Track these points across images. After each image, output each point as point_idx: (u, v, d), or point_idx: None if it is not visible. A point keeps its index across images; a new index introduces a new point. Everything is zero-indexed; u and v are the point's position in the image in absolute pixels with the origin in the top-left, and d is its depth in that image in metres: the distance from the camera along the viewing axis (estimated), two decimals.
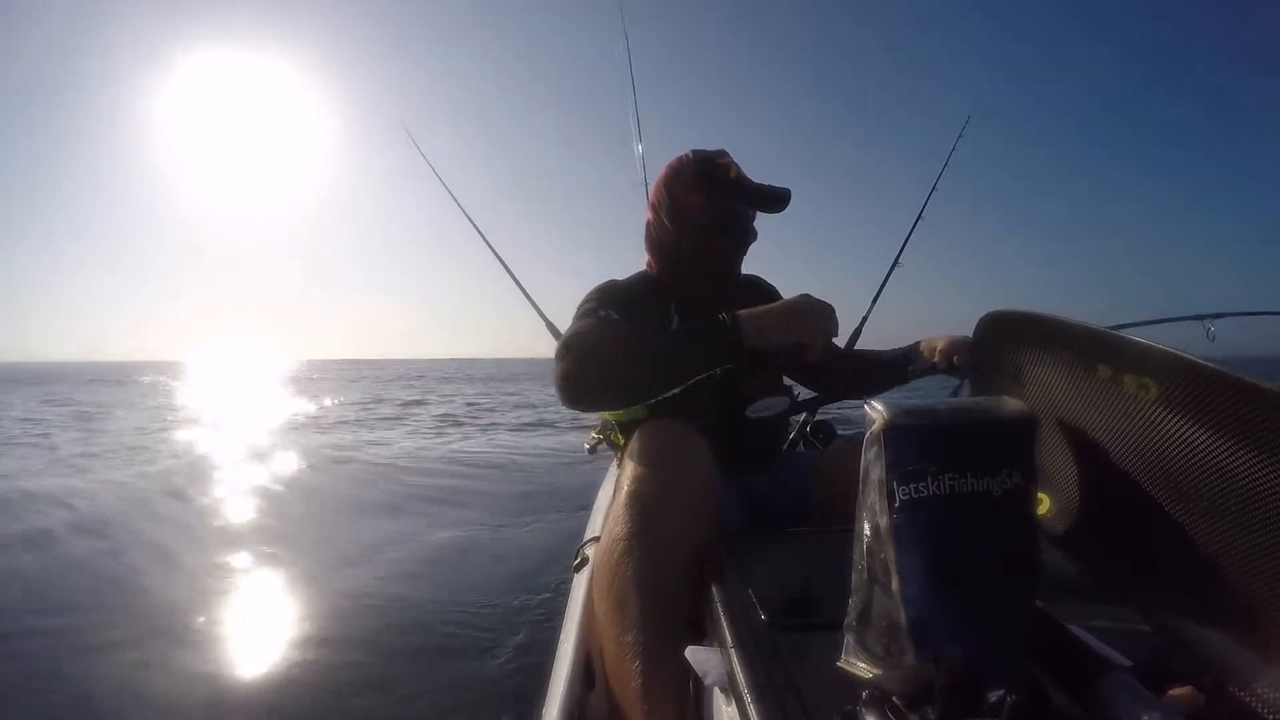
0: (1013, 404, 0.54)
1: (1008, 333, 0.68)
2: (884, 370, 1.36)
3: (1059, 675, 0.51)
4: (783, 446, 1.36)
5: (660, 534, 0.82)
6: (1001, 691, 0.39)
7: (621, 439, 1.26)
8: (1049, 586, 0.54)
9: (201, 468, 5.01)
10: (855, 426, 0.62)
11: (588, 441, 1.62)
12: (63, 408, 11.47)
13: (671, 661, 0.70)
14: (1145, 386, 0.50)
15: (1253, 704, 0.44)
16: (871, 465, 0.52)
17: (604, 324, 1.05)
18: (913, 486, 0.50)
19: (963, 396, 1.26)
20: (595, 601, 0.87)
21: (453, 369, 44.23)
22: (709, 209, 1.19)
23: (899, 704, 0.41)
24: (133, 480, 4.55)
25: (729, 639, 0.61)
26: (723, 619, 0.65)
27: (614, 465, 1.43)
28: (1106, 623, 0.58)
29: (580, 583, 1.11)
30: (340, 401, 12.28)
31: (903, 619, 0.49)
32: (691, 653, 0.64)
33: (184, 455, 5.67)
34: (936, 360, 1.20)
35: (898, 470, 0.50)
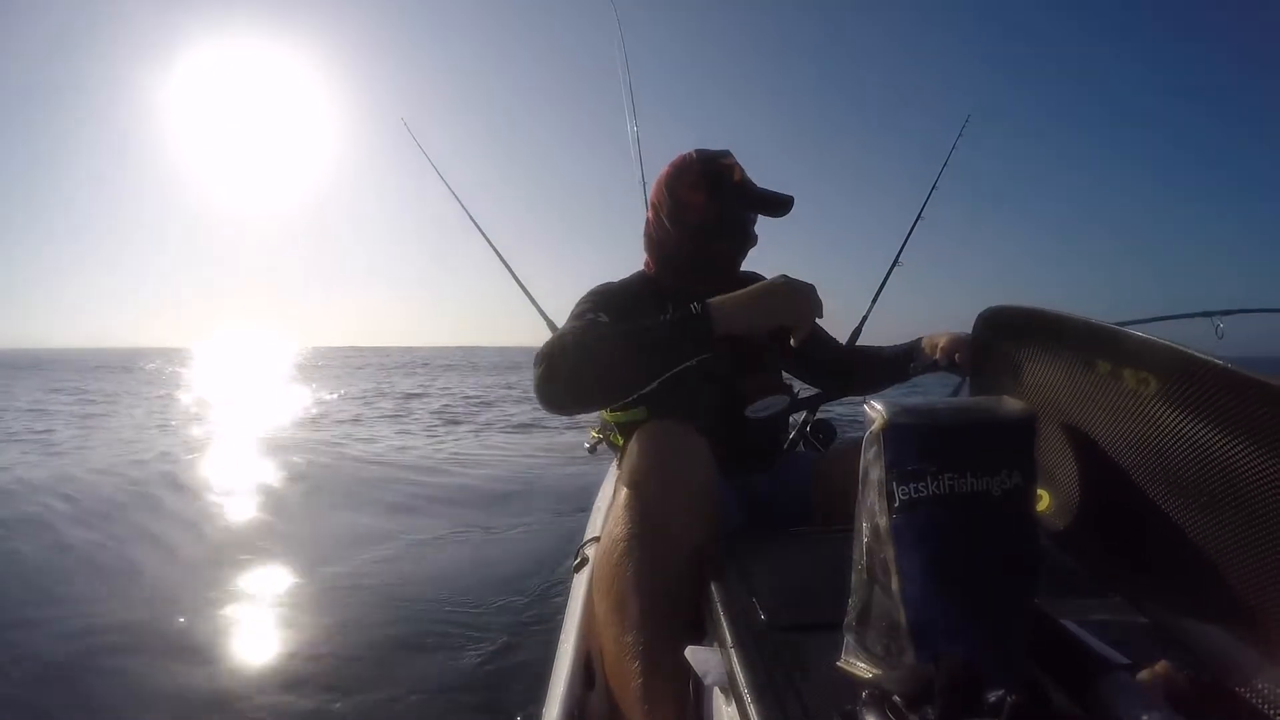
0: (1012, 404, 0.54)
1: (1007, 328, 0.68)
2: (885, 367, 1.36)
3: (1059, 675, 0.51)
4: (783, 446, 1.36)
5: (660, 534, 0.82)
6: (1001, 691, 0.39)
7: (621, 439, 1.25)
8: (1048, 583, 0.54)
9: (200, 463, 5.00)
10: (857, 427, 0.62)
11: (588, 441, 1.62)
12: (68, 396, 11.46)
13: (671, 661, 0.70)
14: (1145, 381, 0.50)
15: (1254, 700, 0.44)
16: (871, 465, 0.52)
17: (587, 326, 1.01)
18: (912, 486, 0.50)
19: (963, 395, 1.26)
20: (595, 601, 0.87)
21: (456, 356, 44.04)
22: (711, 209, 1.18)
23: (899, 704, 0.41)
24: (130, 470, 4.57)
25: (729, 639, 0.61)
26: (723, 619, 0.65)
27: (614, 465, 1.42)
28: (1105, 616, 0.57)
29: (580, 583, 1.11)
30: (343, 395, 12.27)
31: (902, 619, 0.49)
32: (691, 653, 0.64)
33: (181, 449, 5.65)
34: (938, 357, 1.20)
35: (897, 470, 0.50)
